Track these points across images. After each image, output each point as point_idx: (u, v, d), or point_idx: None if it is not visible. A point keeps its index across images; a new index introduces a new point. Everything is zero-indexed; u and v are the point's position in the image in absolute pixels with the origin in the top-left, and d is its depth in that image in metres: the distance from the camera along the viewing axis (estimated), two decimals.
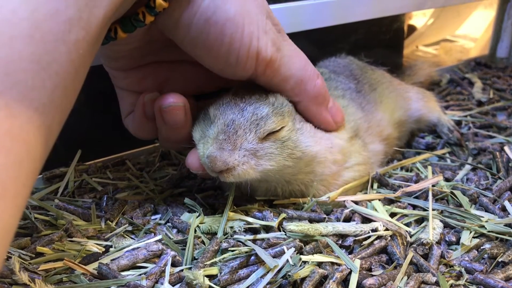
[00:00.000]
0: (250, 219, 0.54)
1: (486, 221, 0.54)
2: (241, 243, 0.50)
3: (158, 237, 0.53)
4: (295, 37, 0.56)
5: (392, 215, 0.56)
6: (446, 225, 0.55)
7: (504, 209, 0.57)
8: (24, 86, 0.29)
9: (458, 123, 0.87)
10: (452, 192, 0.60)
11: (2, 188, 0.26)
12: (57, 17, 0.31)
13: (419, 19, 1.49)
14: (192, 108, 0.54)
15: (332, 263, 0.47)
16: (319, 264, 0.47)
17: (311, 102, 0.54)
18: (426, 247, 0.50)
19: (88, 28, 0.34)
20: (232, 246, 0.50)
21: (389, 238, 0.51)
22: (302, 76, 0.52)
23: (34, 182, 0.31)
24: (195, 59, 0.49)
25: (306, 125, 0.55)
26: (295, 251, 0.47)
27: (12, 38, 0.28)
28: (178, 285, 0.46)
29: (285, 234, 0.51)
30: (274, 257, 0.47)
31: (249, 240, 0.50)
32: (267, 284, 0.44)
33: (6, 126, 0.27)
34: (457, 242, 0.52)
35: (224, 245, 0.50)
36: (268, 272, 0.45)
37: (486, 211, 0.57)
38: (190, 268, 0.48)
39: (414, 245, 0.51)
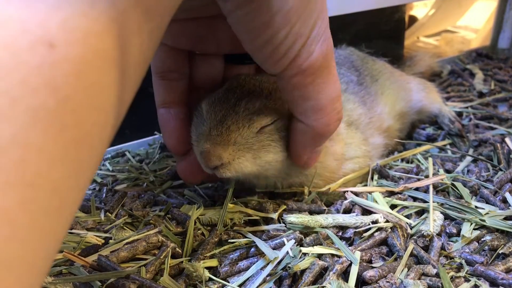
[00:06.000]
0: (250, 211, 0.53)
1: (487, 213, 0.53)
2: (241, 235, 0.50)
3: (158, 229, 0.53)
4: None
5: (393, 207, 0.56)
6: (446, 217, 0.54)
7: (505, 200, 0.57)
8: (94, 88, 0.25)
9: (459, 114, 0.87)
10: (452, 184, 0.60)
11: (59, 199, 0.25)
12: (136, 8, 0.27)
13: (420, 9, 1.48)
14: (220, 71, 0.55)
15: (332, 255, 0.47)
16: (319, 256, 0.47)
17: (307, 133, 0.48)
18: (427, 239, 0.50)
19: (163, 14, 0.30)
20: (232, 238, 0.49)
21: (390, 230, 0.51)
22: (323, 107, 0.46)
23: (87, 188, 0.28)
24: (233, 30, 0.43)
25: None
26: (295, 243, 0.47)
27: (87, 34, 0.25)
28: (178, 277, 0.46)
29: (285, 226, 0.51)
30: (274, 249, 0.47)
31: (249, 231, 0.50)
32: (267, 276, 0.44)
33: (72, 134, 0.24)
34: (458, 234, 0.52)
35: (224, 237, 0.50)
36: (268, 264, 0.45)
37: (487, 203, 0.57)
38: (190, 260, 0.48)
39: (415, 237, 0.51)
